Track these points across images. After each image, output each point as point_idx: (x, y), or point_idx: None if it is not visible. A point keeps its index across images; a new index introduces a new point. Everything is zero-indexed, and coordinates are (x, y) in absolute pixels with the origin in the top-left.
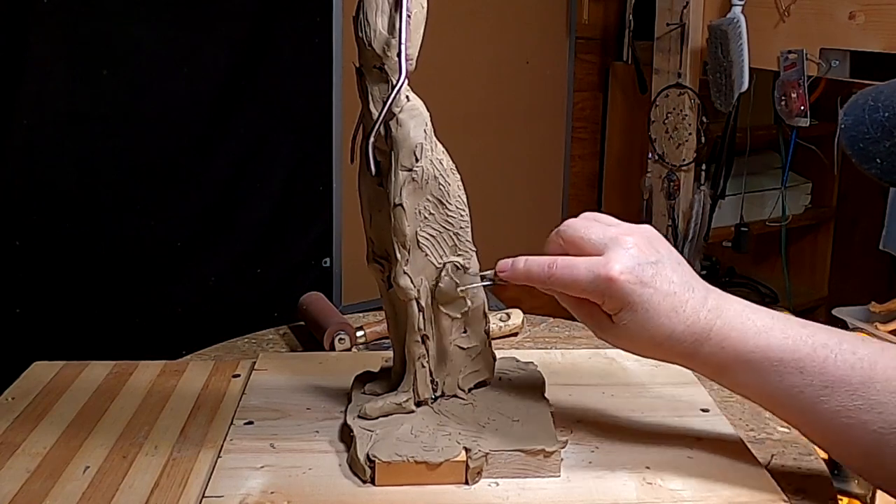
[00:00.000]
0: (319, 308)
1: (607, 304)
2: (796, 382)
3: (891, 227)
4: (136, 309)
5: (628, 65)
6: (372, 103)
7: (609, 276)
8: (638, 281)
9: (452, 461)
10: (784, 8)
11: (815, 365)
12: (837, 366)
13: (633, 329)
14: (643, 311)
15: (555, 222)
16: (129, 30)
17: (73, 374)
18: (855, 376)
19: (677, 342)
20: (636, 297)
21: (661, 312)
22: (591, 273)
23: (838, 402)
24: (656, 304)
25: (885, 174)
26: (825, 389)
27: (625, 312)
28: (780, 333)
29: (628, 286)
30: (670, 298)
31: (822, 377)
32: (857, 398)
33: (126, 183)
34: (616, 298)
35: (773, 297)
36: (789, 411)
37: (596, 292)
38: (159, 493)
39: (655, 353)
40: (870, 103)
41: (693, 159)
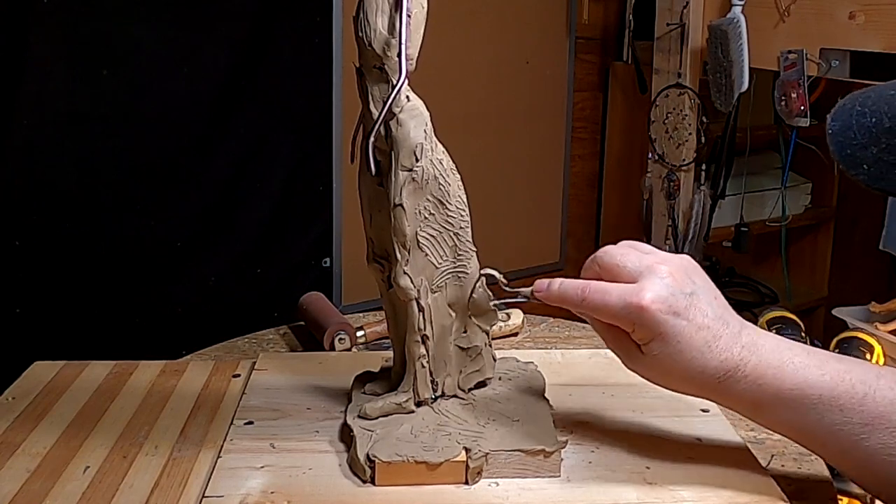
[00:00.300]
0: (319, 308)
1: (637, 333)
2: (836, 420)
3: (891, 227)
4: (136, 309)
5: (628, 65)
6: (372, 103)
7: (640, 304)
8: (670, 311)
9: (452, 461)
10: (784, 8)
11: (855, 402)
12: (877, 402)
13: (662, 361)
14: (675, 343)
15: (555, 222)
16: (129, 30)
17: (74, 373)
18: (895, 413)
19: (710, 377)
20: (668, 328)
21: (693, 346)
22: (623, 300)
23: (879, 439)
24: (688, 336)
25: (872, 180)
26: (865, 427)
27: (655, 343)
28: (817, 371)
29: (660, 315)
30: (703, 332)
31: (862, 415)
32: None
33: (126, 183)
34: (646, 327)
35: (773, 297)
36: (829, 450)
37: (626, 320)
38: (159, 492)
39: (686, 388)
40: (857, 108)
41: (693, 159)
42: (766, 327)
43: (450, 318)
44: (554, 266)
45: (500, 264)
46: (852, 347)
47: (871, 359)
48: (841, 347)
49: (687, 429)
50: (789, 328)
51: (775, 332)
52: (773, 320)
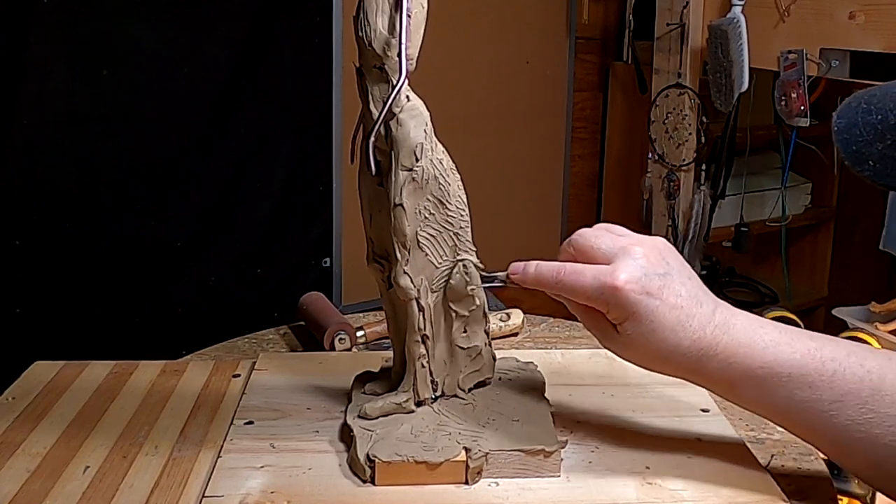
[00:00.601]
0: (319, 308)
1: (612, 314)
2: (805, 397)
3: (891, 227)
4: (136, 309)
5: (628, 65)
6: (372, 103)
7: (614, 284)
8: (644, 291)
9: (452, 461)
10: (784, 8)
11: (824, 379)
12: (846, 379)
13: (637, 340)
14: (648, 322)
15: (555, 222)
16: (129, 30)
17: (74, 373)
18: (864, 389)
19: (683, 356)
20: (641, 308)
21: (666, 325)
22: (597, 281)
23: (848, 415)
24: (661, 316)
25: (877, 176)
26: (835, 403)
27: (629, 323)
28: (787, 348)
29: (633, 296)
30: (676, 311)
31: (832, 391)
32: (866, 411)
33: (126, 183)
34: (620, 307)
35: (773, 297)
36: (799, 426)
37: (601, 300)
38: (159, 492)
39: (660, 367)
40: (863, 106)
41: (693, 159)
42: None
43: (450, 318)
44: None
45: (500, 264)
46: None
47: None
48: None
49: (687, 428)
50: None
51: None
52: (773, 320)
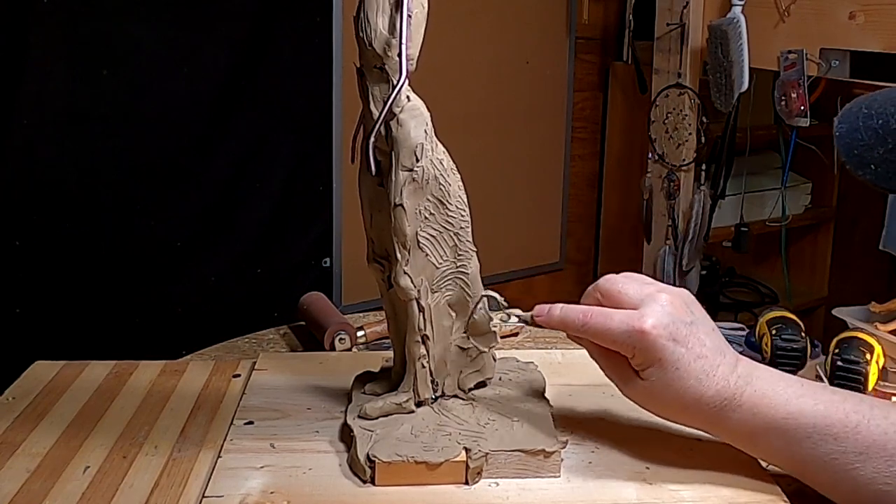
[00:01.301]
0: (320, 308)
1: (637, 358)
2: (830, 450)
3: (891, 227)
4: (136, 309)
5: (628, 65)
6: (372, 103)
7: (642, 328)
8: (670, 338)
9: (452, 461)
10: (784, 8)
11: (848, 431)
12: (871, 431)
13: (660, 388)
14: (673, 369)
15: (555, 222)
16: (129, 30)
17: (74, 373)
18: (889, 442)
19: (706, 406)
20: (667, 354)
21: (690, 374)
22: (625, 324)
23: (873, 468)
24: (686, 364)
25: (879, 180)
26: (860, 456)
27: (654, 369)
28: (811, 400)
29: (660, 341)
30: (701, 361)
31: (856, 444)
32: (892, 464)
33: (126, 183)
34: (646, 352)
35: (773, 297)
36: (823, 480)
37: (627, 344)
38: (159, 493)
39: (682, 417)
40: (863, 111)
41: (693, 159)
42: (766, 327)
43: (450, 318)
44: (554, 266)
45: (500, 264)
46: (852, 347)
47: (872, 359)
48: (841, 347)
49: (687, 429)
50: (789, 328)
51: (775, 332)
52: (773, 320)
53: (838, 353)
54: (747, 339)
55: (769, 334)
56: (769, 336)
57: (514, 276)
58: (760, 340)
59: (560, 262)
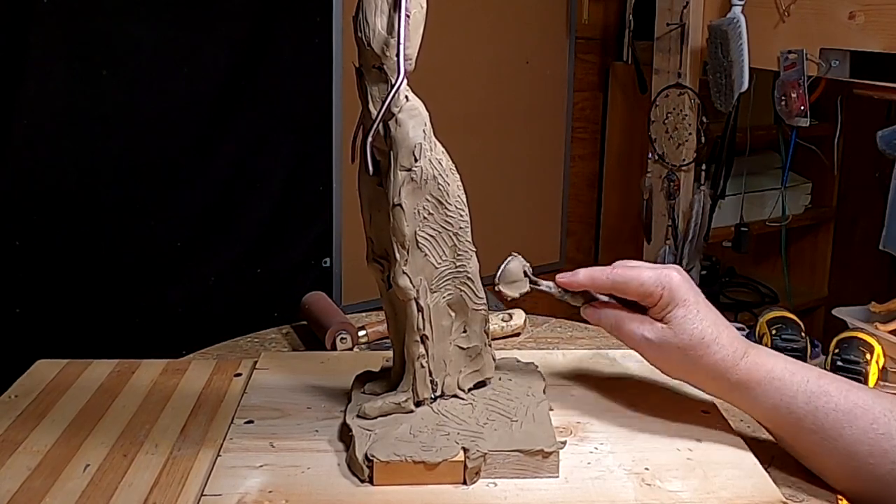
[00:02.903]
0: (321, 308)
1: (664, 299)
2: (821, 405)
3: (891, 227)
4: (135, 309)
5: (628, 65)
6: (371, 103)
7: (670, 273)
8: (692, 288)
9: (451, 461)
10: (784, 8)
11: (840, 391)
12: (859, 395)
13: (680, 329)
14: (695, 310)
15: (555, 222)
16: (129, 30)
17: (76, 372)
18: (877, 407)
19: (721, 348)
20: (691, 296)
21: (708, 317)
22: (653, 270)
23: (860, 427)
24: (706, 310)
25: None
26: (848, 415)
27: (678, 308)
28: (804, 365)
29: (685, 284)
30: (716, 314)
31: (846, 402)
32: (878, 426)
33: (126, 183)
34: (674, 291)
35: (773, 297)
36: (811, 437)
37: (656, 285)
38: (158, 491)
39: (693, 366)
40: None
41: (693, 159)
42: (766, 327)
43: (449, 318)
44: (554, 266)
45: (500, 264)
46: (852, 347)
47: (872, 359)
48: (841, 347)
49: (687, 429)
50: (789, 328)
51: (775, 332)
52: (773, 320)
53: (838, 353)
54: (747, 339)
55: (769, 334)
56: (769, 336)
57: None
58: (760, 340)
59: (560, 262)
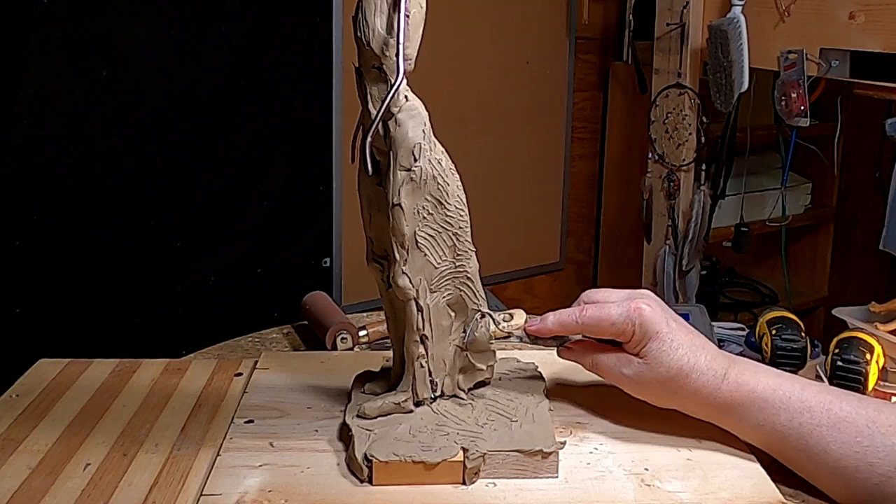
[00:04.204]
0: (322, 307)
1: (636, 335)
2: (804, 422)
3: (891, 227)
4: (135, 309)
5: (628, 65)
6: (371, 103)
7: (638, 307)
8: (663, 316)
9: (450, 461)
10: (784, 8)
11: (822, 405)
12: (842, 407)
13: (657, 363)
14: (669, 341)
15: (555, 222)
16: (129, 30)
17: (77, 371)
18: (860, 419)
19: (701, 374)
20: (663, 327)
21: (684, 345)
22: (622, 307)
23: (845, 442)
24: (680, 336)
25: None
26: (832, 430)
27: (652, 342)
28: (787, 378)
29: (656, 316)
30: (692, 336)
31: (829, 418)
32: (862, 439)
33: (126, 183)
34: (645, 326)
35: (773, 297)
36: (801, 457)
37: (626, 323)
38: (158, 490)
39: (675, 394)
40: None
41: (693, 159)
42: (766, 327)
43: (449, 318)
44: (554, 266)
45: (500, 264)
46: (852, 347)
47: (872, 359)
48: (841, 347)
49: (686, 429)
50: (789, 328)
51: (775, 332)
52: (773, 320)
53: (838, 353)
54: (747, 339)
55: (769, 334)
56: (769, 336)
57: (514, 276)
58: (760, 340)
59: (560, 262)
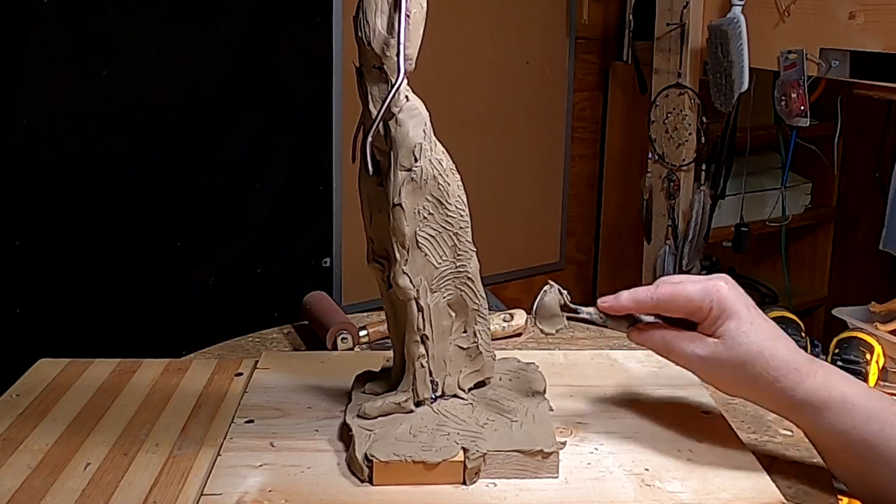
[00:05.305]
0: (322, 307)
1: (713, 312)
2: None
3: (891, 227)
4: (135, 309)
5: (628, 65)
6: (371, 103)
7: (717, 284)
8: (743, 299)
9: (450, 461)
10: (784, 8)
11: None
12: None
13: (732, 344)
14: (748, 323)
15: (555, 222)
16: (129, 30)
17: (78, 371)
18: None
19: (781, 364)
20: (742, 308)
21: (763, 331)
22: (700, 284)
23: None
24: (760, 322)
25: None
26: None
27: (730, 322)
28: (879, 393)
29: (734, 294)
30: (771, 325)
31: None
32: None
33: (126, 183)
34: (723, 304)
35: (773, 297)
36: (884, 470)
37: (704, 301)
38: (158, 490)
39: (754, 379)
40: None
41: (693, 159)
42: None
43: (449, 318)
44: (554, 266)
45: (500, 264)
46: (852, 347)
47: (872, 359)
48: (841, 347)
49: (687, 430)
50: (789, 328)
51: None
52: (773, 320)
53: (838, 353)
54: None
55: None
56: None
57: (514, 276)
58: None
59: (560, 262)
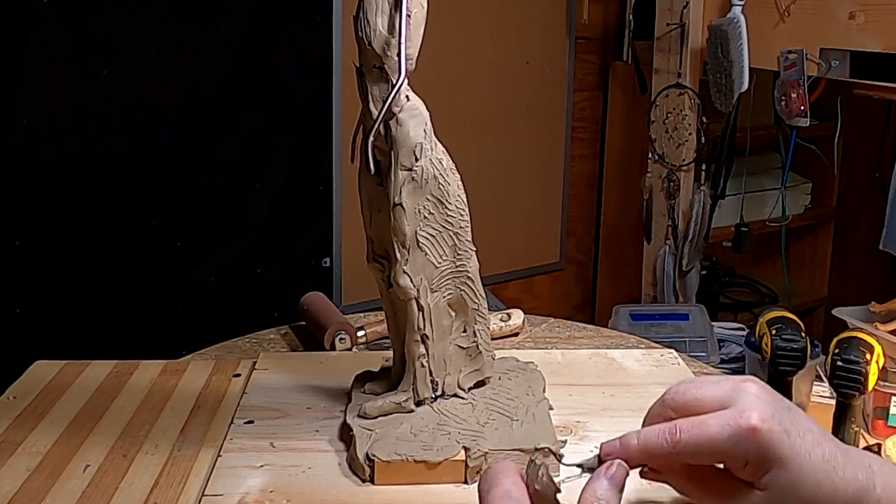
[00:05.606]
0: (320, 308)
1: (750, 465)
2: None
3: (891, 227)
4: (135, 309)
5: (628, 65)
6: (372, 103)
7: (750, 425)
8: (783, 430)
9: (451, 460)
10: (784, 8)
11: None
12: None
13: (784, 493)
14: (797, 466)
15: (555, 222)
16: (129, 30)
17: (75, 373)
18: None
19: (840, 495)
20: (785, 450)
21: (816, 467)
22: (727, 426)
23: None
24: (807, 456)
25: None
26: None
27: (774, 471)
28: None
29: (775, 436)
30: (819, 449)
31: None
32: None
33: (126, 183)
34: (763, 453)
35: (773, 297)
36: None
37: (736, 450)
38: (158, 491)
39: None
40: None
41: (693, 159)
42: (766, 327)
43: (449, 318)
44: (554, 266)
45: (500, 264)
46: (852, 347)
47: (872, 359)
48: (841, 347)
49: None
50: (789, 328)
51: (775, 332)
52: (773, 320)
53: (838, 353)
54: (747, 339)
55: (769, 334)
56: (769, 336)
57: (514, 276)
58: (760, 340)
59: (560, 262)
